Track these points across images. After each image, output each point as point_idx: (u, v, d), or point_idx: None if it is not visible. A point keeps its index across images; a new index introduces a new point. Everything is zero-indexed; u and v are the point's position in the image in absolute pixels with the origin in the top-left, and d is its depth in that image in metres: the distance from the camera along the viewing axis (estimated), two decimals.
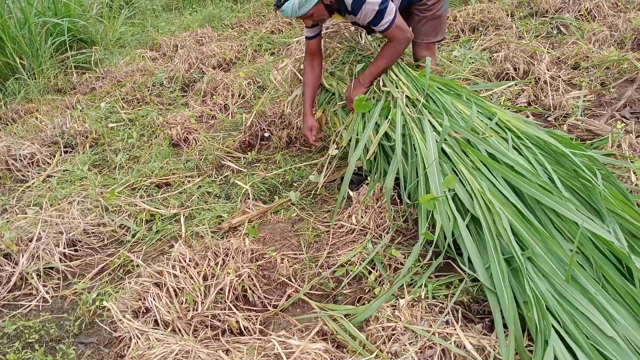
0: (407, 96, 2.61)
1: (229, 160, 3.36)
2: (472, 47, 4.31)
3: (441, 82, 2.72)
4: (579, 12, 4.61)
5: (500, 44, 4.14)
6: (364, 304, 2.06)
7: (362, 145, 2.55)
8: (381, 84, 2.74)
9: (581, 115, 3.10)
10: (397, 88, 2.68)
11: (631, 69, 3.50)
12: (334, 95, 3.03)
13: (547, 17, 4.71)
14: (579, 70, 3.71)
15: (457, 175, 2.20)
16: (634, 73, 3.45)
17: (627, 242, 1.87)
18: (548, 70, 3.62)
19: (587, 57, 3.78)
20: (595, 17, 4.52)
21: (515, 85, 3.52)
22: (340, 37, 3.21)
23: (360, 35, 3.23)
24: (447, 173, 2.21)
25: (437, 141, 2.33)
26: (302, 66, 3.14)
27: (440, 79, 2.76)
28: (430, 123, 2.45)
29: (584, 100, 3.27)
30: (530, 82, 3.53)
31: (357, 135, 2.61)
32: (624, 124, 2.89)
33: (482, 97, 2.71)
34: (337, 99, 2.97)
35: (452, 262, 2.06)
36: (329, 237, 2.48)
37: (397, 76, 2.75)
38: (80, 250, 2.69)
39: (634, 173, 2.38)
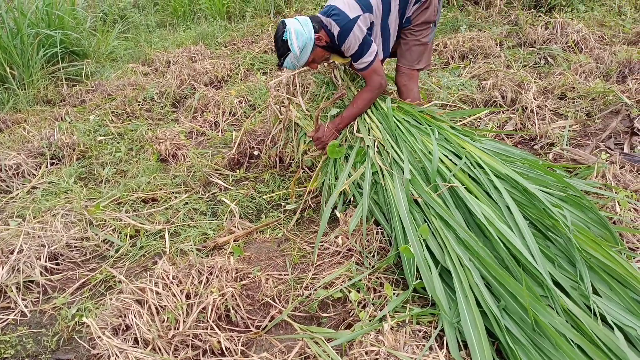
0: (380, 143, 2.67)
1: (217, 178, 3.35)
2: (462, 74, 4.38)
3: (414, 117, 2.76)
4: (566, 43, 4.72)
5: (489, 72, 4.21)
6: (348, 326, 2.04)
7: (336, 193, 2.59)
8: (355, 128, 2.79)
9: (566, 145, 3.15)
10: (369, 133, 2.72)
11: (616, 101, 3.57)
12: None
13: (535, 47, 4.81)
14: (565, 100, 3.77)
15: (429, 224, 2.23)
16: (618, 105, 3.53)
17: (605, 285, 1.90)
18: (535, 99, 3.68)
19: (574, 87, 3.86)
20: (582, 49, 4.62)
21: (490, 112, 3.59)
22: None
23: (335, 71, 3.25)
24: (419, 221, 2.25)
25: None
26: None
27: (414, 113, 2.80)
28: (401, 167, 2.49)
29: (569, 130, 3.33)
30: (507, 109, 3.59)
31: (331, 181, 2.69)
32: (609, 155, 2.94)
33: (460, 128, 2.76)
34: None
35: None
36: (315, 258, 2.47)
37: (370, 118, 2.80)
38: (61, 264, 2.65)
39: (618, 204, 2.41)
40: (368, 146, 2.65)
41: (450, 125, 2.76)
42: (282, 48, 2.63)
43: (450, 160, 2.47)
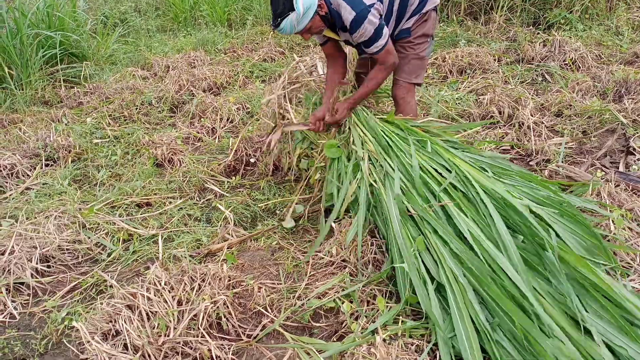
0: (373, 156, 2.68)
1: (213, 184, 3.34)
2: (459, 88, 4.40)
3: (408, 130, 2.77)
4: (564, 61, 4.75)
5: (486, 87, 4.24)
6: (340, 337, 2.03)
7: (337, 208, 2.58)
8: (351, 140, 2.78)
9: (562, 162, 3.17)
10: (363, 146, 2.72)
11: (612, 120, 3.60)
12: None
13: (532, 64, 4.85)
14: (562, 117, 3.80)
15: (424, 238, 2.23)
16: (614, 124, 3.55)
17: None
18: (532, 115, 3.70)
19: (570, 105, 3.88)
20: (580, 67, 4.66)
21: (487, 127, 3.60)
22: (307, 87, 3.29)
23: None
24: (414, 234, 2.25)
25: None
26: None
27: (406, 127, 2.80)
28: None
29: (565, 147, 3.34)
30: (504, 125, 3.61)
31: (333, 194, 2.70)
32: (604, 173, 2.95)
33: (457, 140, 2.76)
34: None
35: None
36: (308, 267, 2.46)
37: (363, 132, 2.80)
38: (53, 266, 2.63)
39: (613, 222, 2.41)
40: (362, 160, 2.65)
41: (446, 139, 2.76)
42: (283, 6, 2.47)
43: (441, 174, 2.47)
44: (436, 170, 2.49)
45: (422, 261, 2.13)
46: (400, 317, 2.01)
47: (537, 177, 2.58)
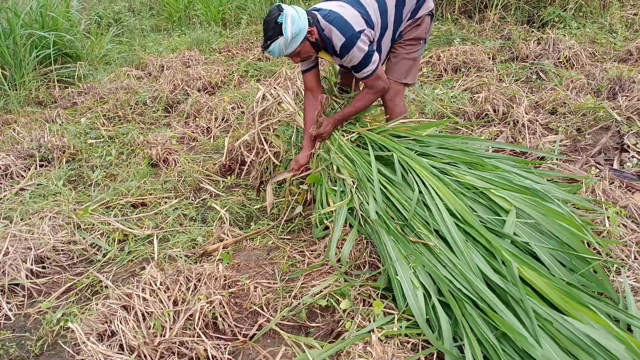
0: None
1: (208, 184, 3.33)
2: (454, 86, 4.41)
3: (380, 144, 2.75)
4: (558, 59, 4.77)
5: (481, 86, 4.24)
6: (336, 336, 2.03)
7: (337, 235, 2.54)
8: (335, 168, 2.75)
9: (557, 160, 3.17)
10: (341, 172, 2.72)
11: (606, 117, 3.61)
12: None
13: (527, 62, 4.86)
14: (556, 115, 3.81)
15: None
16: (609, 121, 3.56)
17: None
18: (526, 113, 3.71)
19: (565, 103, 3.89)
20: (574, 65, 4.67)
21: (479, 125, 3.60)
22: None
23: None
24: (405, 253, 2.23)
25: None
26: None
27: (379, 140, 2.79)
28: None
29: (560, 145, 3.35)
30: (498, 123, 3.62)
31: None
32: (598, 170, 2.97)
33: (427, 139, 2.76)
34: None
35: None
36: (304, 267, 2.46)
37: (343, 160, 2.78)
38: (48, 267, 2.62)
39: (608, 219, 2.42)
40: (350, 185, 2.64)
41: (418, 139, 2.74)
42: (273, 30, 2.52)
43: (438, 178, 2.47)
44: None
45: (416, 276, 2.12)
46: (396, 316, 2.01)
47: (523, 160, 2.57)
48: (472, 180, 2.39)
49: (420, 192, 2.40)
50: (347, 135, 2.87)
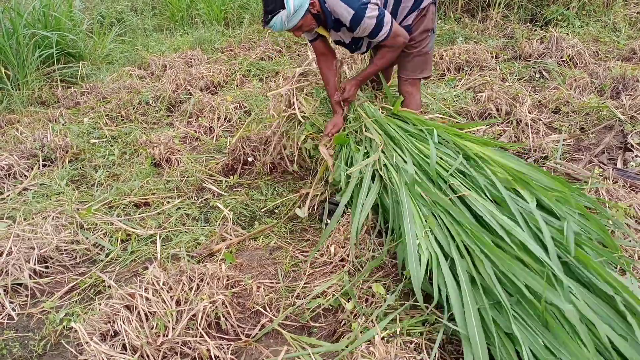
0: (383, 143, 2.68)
1: (210, 183, 3.33)
2: (457, 85, 4.40)
3: (414, 122, 2.79)
4: (561, 58, 4.75)
5: (484, 85, 4.23)
6: (339, 337, 2.03)
7: (349, 191, 2.56)
8: (364, 129, 2.78)
9: (560, 159, 3.16)
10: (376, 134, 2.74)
11: (610, 116, 3.60)
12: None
13: (530, 61, 4.85)
14: (560, 114, 3.80)
15: (435, 218, 2.21)
16: (612, 120, 3.55)
17: None
18: (529, 112, 3.70)
19: (568, 102, 3.88)
20: (577, 64, 4.65)
21: (485, 125, 3.59)
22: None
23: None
24: (426, 215, 2.23)
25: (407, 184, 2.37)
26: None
27: (410, 118, 2.83)
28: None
29: (563, 144, 3.34)
30: (502, 122, 3.61)
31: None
32: (602, 170, 2.95)
33: (460, 132, 2.76)
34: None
35: (428, 302, 2.05)
36: (307, 266, 2.46)
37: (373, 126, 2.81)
38: (51, 267, 2.62)
39: (616, 211, 2.41)
40: (377, 144, 2.66)
41: (450, 130, 2.77)
42: (274, 4, 2.47)
43: (447, 161, 2.49)
44: (442, 159, 2.50)
45: (435, 238, 2.11)
46: (397, 315, 2.00)
47: (543, 170, 2.57)
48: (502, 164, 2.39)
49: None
50: (377, 105, 2.92)
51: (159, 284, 2.15)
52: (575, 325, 1.63)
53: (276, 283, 2.39)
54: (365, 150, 2.69)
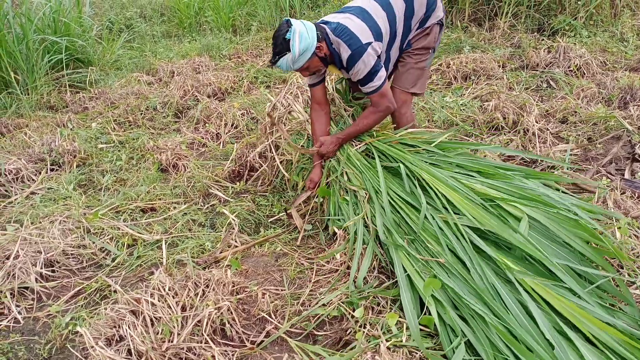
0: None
1: (217, 189, 3.34)
2: (464, 94, 4.40)
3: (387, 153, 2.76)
4: (568, 68, 4.74)
5: (491, 94, 4.23)
6: (344, 345, 2.02)
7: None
8: (346, 178, 2.77)
9: (567, 169, 3.15)
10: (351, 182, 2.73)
11: (617, 127, 3.59)
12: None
13: (537, 70, 4.84)
14: (567, 124, 3.79)
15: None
16: (620, 131, 3.54)
17: None
18: (537, 122, 3.69)
19: (575, 112, 3.87)
20: (584, 73, 4.65)
21: (489, 134, 3.58)
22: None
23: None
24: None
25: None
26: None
27: (405, 141, 2.81)
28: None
29: (570, 154, 3.33)
30: (509, 131, 3.60)
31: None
32: (609, 180, 2.94)
33: (435, 149, 2.73)
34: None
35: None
36: (313, 274, 2.46)
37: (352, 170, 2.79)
38: (57, 271, 2.63)
39: (618, 229, 2.40)
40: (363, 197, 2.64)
41: (427, 149, 2.73)
42: (281, 46, 2.54)
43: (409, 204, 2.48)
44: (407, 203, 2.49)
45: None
46: (405, 324, 2.00)
47: (534, 171, 2.56)
48: (484, 190, 2.37)
49: (428, 204, 2.39)
50: (356, 146, 2.87)
51: (164, 290, 2.16)
52: None
53: (281, 290, 2.39)
54: (354, 200, 2.66)
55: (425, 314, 2.01)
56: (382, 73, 2.68)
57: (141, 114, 4.65)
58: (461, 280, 2.07)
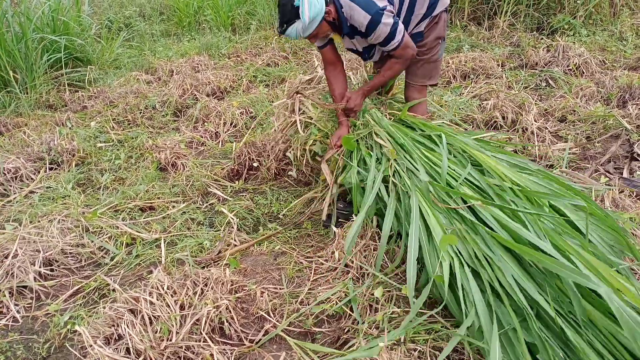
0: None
1: (216, 188, 3.34)
2: (463, 93, 4.40)
3: (422, 127, 2.79)
4: (567, 67, 4.75)
5: (490, 93, 4.23)
6: (343, 343, 2.02)
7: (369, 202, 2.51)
8: (374, 135, 2.77)
9: (566, 167, 3.16)
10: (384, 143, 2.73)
11: (616, 125, 3.59)
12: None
13: (536, 69, 4.84)
14: (566, 123, 3.79)
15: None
16: (618, 129, 3.54)
17: None
18: (535, 121, 3.70)
19: (574, 111, 3.87)
20: (583, 72, 4.65)
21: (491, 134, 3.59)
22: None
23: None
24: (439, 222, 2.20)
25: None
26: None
27: (418, 124, 2.83)
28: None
29: (569, 153, 3.33)
30: (508, 130, 3.60)
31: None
32: (608, 179, 2.94)
33: (470, 139, 2.74)
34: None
35: (430, 309, 2.05)
36: (311, 272, 2.46)
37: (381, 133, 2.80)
38: (56, 270, 2.63)
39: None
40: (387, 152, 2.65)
41: (459, 136, 2.75)
42: (290, 14, 2.48)
43: (455, 170, 2.47)
44: (450, 168, 2.48)
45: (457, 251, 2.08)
46: (402, 320, 2.00)
47: (558, 177, 2.56)
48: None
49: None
50: (384, 112, 2.90)
51: (163, 288, 2.16)
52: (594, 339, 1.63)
53: (280, 288, 2.39)
54: (377, 157, 2.68)
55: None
56: (401, 27, 2.64)
57: (140, 112, 4.65)
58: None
